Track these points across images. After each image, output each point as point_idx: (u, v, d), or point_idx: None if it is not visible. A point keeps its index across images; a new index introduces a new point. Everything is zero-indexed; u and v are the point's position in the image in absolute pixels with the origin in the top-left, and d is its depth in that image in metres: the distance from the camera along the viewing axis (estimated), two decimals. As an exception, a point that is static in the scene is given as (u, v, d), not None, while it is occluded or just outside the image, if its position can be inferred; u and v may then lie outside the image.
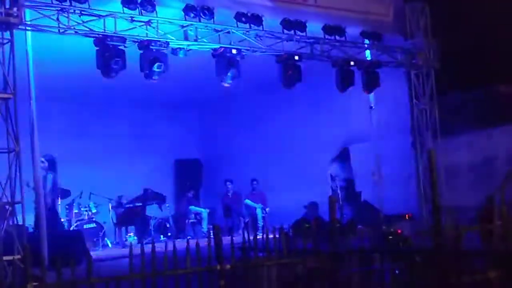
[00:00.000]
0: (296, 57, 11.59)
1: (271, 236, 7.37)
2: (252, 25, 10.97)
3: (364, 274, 6.67)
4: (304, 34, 11.57)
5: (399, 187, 12.82)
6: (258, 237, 7.73)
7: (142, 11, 9.88)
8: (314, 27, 11.65)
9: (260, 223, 14.55)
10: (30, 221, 9.80)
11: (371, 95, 12.95)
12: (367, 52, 12.82)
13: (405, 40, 13.06)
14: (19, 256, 7.96)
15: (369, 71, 12.46)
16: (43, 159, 10.43)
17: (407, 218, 12.10)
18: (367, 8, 12.45)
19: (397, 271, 6.49)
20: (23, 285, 5.41)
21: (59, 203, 13.31)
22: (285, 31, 11.39)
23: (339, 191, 13.67)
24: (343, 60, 12.16)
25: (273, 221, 14.07)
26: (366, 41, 12.60)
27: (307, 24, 11.47)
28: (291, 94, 13.08)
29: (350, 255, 6.73)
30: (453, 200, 10.83)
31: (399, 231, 8.55)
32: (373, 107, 12.98)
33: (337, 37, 12.02)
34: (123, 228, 14.04)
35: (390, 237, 7.95)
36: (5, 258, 7.86)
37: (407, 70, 13.26)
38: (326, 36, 11.92)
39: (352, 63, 12.22)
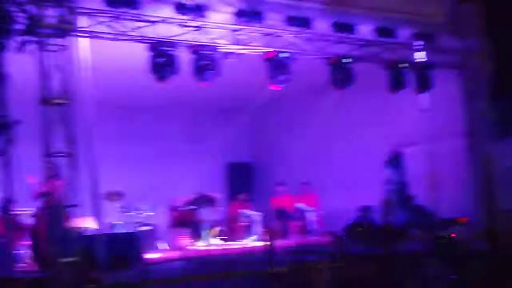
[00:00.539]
0: (347, 60, 11.55)
1: (323, 239, 7.37)
2: (302, 28, 10.98)
3: (418, 279, 6.59)
4: (354, 36, 11.50)
5: (454, 191, 12.57)
6: (310, 240, 7.73)
7: (194, 16, 10.01)
8: (365, 29, 11.57)
9: (313, 226, 14.49)
10: (87, 223, 10.03)
11: (424, 97, 12.77)
12: (420, 54, 12.65)
13: (458, 41, 12.84)
14: (77, 258, 8.14)
15: (422, 73, 12.31)
16: None
17: (462, 222, 11.87)
18: (420, 9, 12.28)
19: (452, 276, 6.39)
20: (81, 286, 5.54)
21: (115, 206, 13.60)
22: (336, 33, 11.35)
23: (392, 195, 13.50)
24: (395, 62, 12.05)
25: (325, 224, 14.03)
26: (419, 43, 12.43)
27: (358, 26, 11.41)
28: (343, 96, 13.03)
29: (404, 259, 6.66)
30: (509, 203, 10.59)
31: (453, 235, 8.42)
32: (426, 110, 12.79)
33: (389, 39, 11.92)
34: (177, 231, 14.19)
35: (445, 241, 7.84)
36: (64, 259, 8.05)
37: (461, 72, 13.02)
38: (378, 38, 11.82)
39: (404, 65, 12.10)
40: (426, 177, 12.66)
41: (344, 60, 11.53)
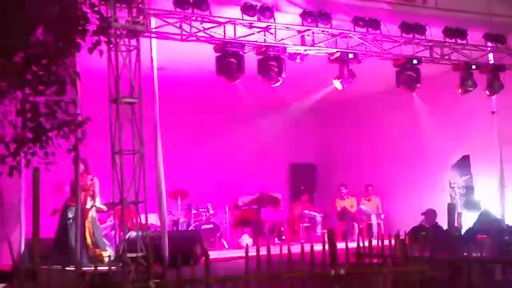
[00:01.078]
0: (415, 61, 11.39)
1: (386, 242, 7.29)
2: (369, 29, 10.89)
3: (484, 286, 6.44)
4: (423, 37, 11.34)
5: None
6: (373, 243, 7.65)
7: (261, 17, 10.07)
8: (434, 30, 11.38)
9: (375, 229, 14.36)
10: (151, 220, 10.24)
11: (493, 100, 12.46)
12: (490, 55, 12.36)
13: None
14: (142, 254, 8.33)
15: (492, 74, 12.02)
16: None
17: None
18: (491, 9, 11.99)
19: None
20: (145, 282, 5.66)
21: (179, 203, 13.85)
22: (404, 34, 11.21)
23: (458, 199, 13.24)
24: (464, 64, 11.81)
25: (388, 227, 13.87)
26: (489, 44, 12.15)
27: (426, 27, 11.24)
28: (409, 98, 12.85)
29: (469, 265, 6.52)
30: None
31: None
32: (496, 112, 12.48)
33: (458, 40, 11.69)
34: (239, 230, 14.32)
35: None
36: (128, 255, 8.25)
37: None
38: (447, 39, 11.62)
39: (473, 66, 11.85)
40: (494, 181, 12.37)
41: (411, 62, 11.37)
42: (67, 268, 5.50)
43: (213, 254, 10.95)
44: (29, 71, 7.44)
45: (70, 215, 9.75)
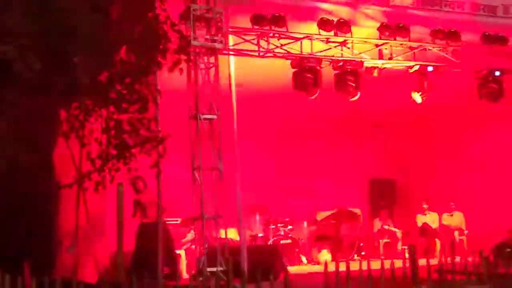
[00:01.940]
0: (497, 73, 11.09)
1: (470, 259, 7.09)
2: (449, 41, 10.69)
3: None
4: (505, 48, 11.02)
5: None
6: (456, 259, 7.46)
7: (338, 32, 10.06)
8: (517, 41, 11.06)
9: (458, 245, 13.97)
10: (231, 235, 10.35)
11: None
12: None
13: None
14: (221, 268, 8.42)
15: None
16: None
17: None
18: None
19: None
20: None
21: (258, 218, 13.93)
22: (485, 45, 10.94)
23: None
24: None
25: (472, 244, 13.47)
26: None
27: (509, 38, 10.93)
28: (492, 110, 12.50)
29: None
30: None
31: None
32: None
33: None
34: (317, 245, 14.23)
35: None
36: (208, 269, 8.35)
37: None
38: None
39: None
40: None
41: (494, 73, 11.08)
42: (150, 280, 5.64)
43: (291, 270, 10.95)
44: (113, 89, 7.72)
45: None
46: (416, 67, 10.73)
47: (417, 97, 11.10)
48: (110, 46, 7.55)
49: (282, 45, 9.92)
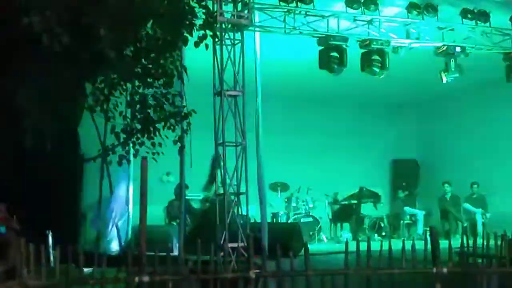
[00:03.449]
0: (525, 55, 10.92)
1: (492, 242, 7.06)
2: (478, 22, 10.53)
3: None
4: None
5: None
6: (477, 242, 7.42)
7: (365, 10, 9.96)
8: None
9: (480, 228, 13.89)
10: (252, 211, 10.40)
11: None
12: None
13: None
14: (242, 244, 8.48)
15: None
16: None
17: None
18: None
19: None
20: (245, 272, 5.76)
21: (279, 196, 13.99)
22: (515, 27, 10.77)
23: None
24: None
25: (494, 227, 13.38)
26: None
27: (539, 19, 10.74)
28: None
29: None
30: None
31: None
32: None
33: None
34: (338, 224, 14.26)
35: None
36: (230, 245, 8.41)
37: None
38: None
39: None
40: None
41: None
42: (171, 254, 5.70)
43: (312, 248, 10.97)
44: (138, 64, 7.75)
45: None
46: (444, 47, 10.59)
47: (444, 77, 10.97)
48: (136, 20, 7.56)
49: (308, 22, 9.84)
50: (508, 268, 6.39)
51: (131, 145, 8.09)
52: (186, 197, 11.20)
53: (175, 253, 9.04)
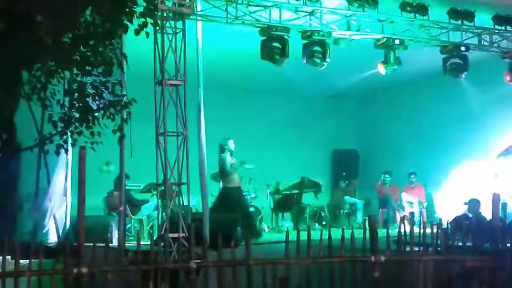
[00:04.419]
0: (463, 48, 11.20)
1: (428, 231, 7.22)
2: (417, 15, 10.73)
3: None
4: (472, 24, 11.13)
5: None
6: (414, 231, 7.59)
7: (307, 1, 10.01)
8: (483, 17, 11.16)
9: (417, 217, 14.23)
10: (194, 201, 10.35)
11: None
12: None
13: None
14: (183, 234, 8.44)
15: (543, 63, 11.77)
16: None
17: None
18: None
19: None
20: (186, 262, 5.73)
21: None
22: (452, 20, 11.02)
23: (502, 188, 13.01)
24: (514, 51, 11.58)
25: (430, 216, 13.73)
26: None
27: (475, 14, 11.02)
28: (456, 86, 12.66)
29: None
30: None
31: None
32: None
33: (508, 27, 11.44)
34: (280, 214, 14.35)
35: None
36: (170, 235, 8.36)
37: None
38: (496, 26, 11.38)
39: (523, 54, 11.61)
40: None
41: (459, 49, 11.18)
42: (110, 245, 5.61)
43: (253, 237, 11.01)
44: (77, 51, 7.57)
45: None
46: (383, 40, 10.76)
47: (382, 69, 11.15)
48: (75, 6, 7.38)
49: (250, 12, 9.83)
50: (443, 255, 6.55)
51: (69, 134, 7.91)
52: (126, 187, 11.07)
53: (115, 243, 8.94)
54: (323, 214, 14.62)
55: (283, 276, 5.92)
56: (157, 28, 8.64)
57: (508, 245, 6.68)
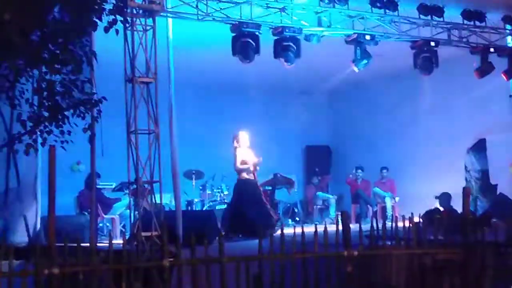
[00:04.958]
0: (432, 43, 11.29)
1: (400, 225, 7.27)
2: (387, 11, 10.80)
3: (497, 269, 6.43)
4: (441, 19, 11.23)
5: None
6: (387, 225, 7.64)
7: (278, -3, 10.02)
8: (453, 12, 11.27)
9: (389, 212, 14.35)
10: (166, 199, 10.30)
11: (511, 83, 12.36)
12: (509, 39, 12.23)
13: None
14: (156, 233, 8.39)
15: (510, 58, 11.91)
16: None
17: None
18: (510, -9, 11.83)
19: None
20: (159, 260, 5.69)
21: (194, 184, 13.92)
22: (422, 16, 11.11)
23: (473, 183, 13.18)
24: (483, 47, 11.69)
25: (402, 210, 13.83)
26: (508, 27, 12.01)
27: (445, 9, 11.12)
28: (426, 81, 12.77)
29: (483, 248, 6.51)
30: None
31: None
32: (513, 96, 12.38)
33: (477, 23, 11.57)
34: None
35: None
36: (143, 234, 8.30)
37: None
38: (465, 22, 11.50)
39: (492, 49, 11.73)
40: (510, 165, 12.29)
41: (429, 44, 11.28)
42: (82, 245, 5.55)
43: (226, 234, 10.99)
44: (45, 49, 7.47)
45: None
46: (354, 36, 10.81)
47: (354, 65, 11.20)
48: (43, 4, 7.28)
49: (221, 8, 9.80)
50: (415, 249, 6.61)
51: (38, 133, 7.80)
52: (98, 186, 10.98)
53: (87, 243, 8.84)
54: (296, 210, 14.65)
55: (257, 272, 5.92)
56: (127, 25, 8.56)
57: (479, 238, 6.76)
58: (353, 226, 6.62)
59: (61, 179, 6.21)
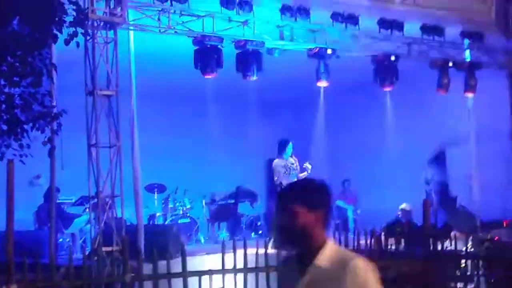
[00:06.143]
0: (393, 58, 11.46)
1: (362, 238, 7.33)
2: (348, 25, 10.92)
3: (457, 280, 6.52)
4: (401, 34, 11.40)
5: (498, 193, 12.37)
6: (349, 238, 7.69)
7: (240, 11, 10.04)
8: (412, 27, 11.46)
9: (351, 224, 14.43)
10: (128, 214, 10.18)
11: (470, 97, 12.59)
12: (467, 53, 12.48)
13: (507, 40, 12.60)
14: (117, 248, 8.28)
15: (469, 72, 12.14)
16: None
17: (505, 225, 11.66)
18: (468, 7, 12.09)
19: (493, 279, 6.30)
20: (121, 276, 5.62)
21: (156, 197, 13.80)
22: (382, 30, 11.26)
23: (433, 195, 13.34)
24: (442, 61, 11.90)
25: (364, 223, 13.93)
26: (466, 41, 12.26)
27: (404, 24, 11.30)
28: (386, 95, 12.92)
29: (444, 260, 6.59)
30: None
31: (496, 238, 8.29)
32: (472, 110, 12.60)
33: (436, 37, 11.78)
34: (216, 224, 14.29)
35: (488, 244, 7.71)
36: (104, 249, 8.19)
37: (509, 72, 12.79)
38: (424, 36, 11.70)
39: (451, 64, 11.95)
40: (469, 178, 12.49)
41: (389, 58, 11.44)
42: (41, 261, 5.45)
43: (189, 249, 10.93)
44: (4, 62, 7.35)
45: None
46: (316, 49, 10.90)
47: (318, 79, 11.29)
48: (2, 15, 7.17)
49: (183, 22, 9.79)
50: (377, 261, 6.66)
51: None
52: (58, 201, 10.81)
53: (46, 259, 8.68)
54: (259, 223, 14.64)
55: (220, 287, 5.89)
56: (88, 37, 8.49)
57: (439, 249, 6.85)
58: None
59: (19, 193, 6.10)
